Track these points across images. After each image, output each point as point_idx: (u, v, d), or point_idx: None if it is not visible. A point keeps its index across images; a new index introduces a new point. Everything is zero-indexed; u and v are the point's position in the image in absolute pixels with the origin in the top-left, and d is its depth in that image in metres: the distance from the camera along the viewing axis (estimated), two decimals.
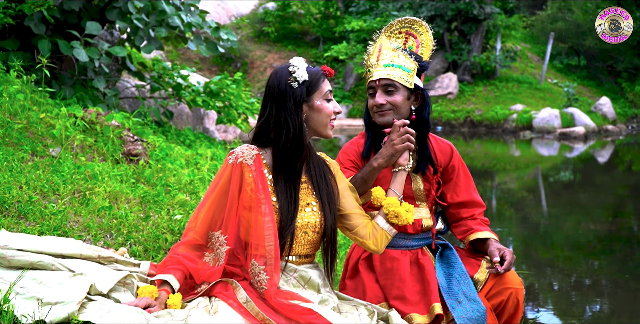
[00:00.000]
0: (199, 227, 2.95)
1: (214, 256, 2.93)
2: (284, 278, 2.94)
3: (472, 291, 3.30)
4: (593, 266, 7.48)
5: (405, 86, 3.40)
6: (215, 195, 2.95)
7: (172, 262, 2.90)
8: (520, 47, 30.33)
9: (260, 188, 2.89)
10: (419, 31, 3.58)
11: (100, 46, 7.38)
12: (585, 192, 12.51)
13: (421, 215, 3.55)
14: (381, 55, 3.45)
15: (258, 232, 2.84)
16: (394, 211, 3.08)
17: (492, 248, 3.41)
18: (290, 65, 2.95)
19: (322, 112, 2.98)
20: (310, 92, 2.94)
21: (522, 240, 8.57)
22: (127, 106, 9.78)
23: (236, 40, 8.96)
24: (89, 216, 4.20)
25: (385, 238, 3.12)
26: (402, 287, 3.38)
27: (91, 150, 5.54)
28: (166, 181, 5.33)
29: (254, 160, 2.93)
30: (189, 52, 28.32)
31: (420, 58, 3.48)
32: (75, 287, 2.67)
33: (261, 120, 2.98)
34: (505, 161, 17.21)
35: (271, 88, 2.95)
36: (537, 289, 6.45)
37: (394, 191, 3.16)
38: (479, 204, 3.66)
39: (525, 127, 23.48)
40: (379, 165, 3.18)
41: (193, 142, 8.93)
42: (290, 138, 2.91)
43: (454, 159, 3.64)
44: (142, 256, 3.94)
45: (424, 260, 3.49)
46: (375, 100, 3.40)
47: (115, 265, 3.10)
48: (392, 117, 3.40)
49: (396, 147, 3.13)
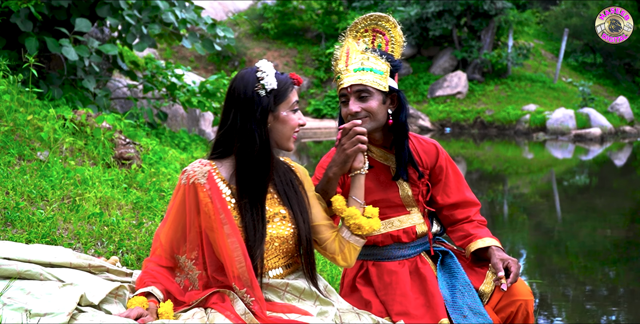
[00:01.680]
0: (164, 249, 2.95)
1: (185, 278, 2.93)
2: (277, 294, 2.92)
3: (477, 303, 3.27)
4: (609, 274, 7.48)
5: (380, 90, 3.34)
6: (172, 217, 2.93)
7: (148, 277, 2.90)
8: (533, 43, 30.31)
9: (219, 208, 2.84)
10: (386, 27, 3.51)
11: (90, 44, 7.41)
12: (601, 197, 12.51)
13: (414, 222, 3.53)
14: (350, 59, 3.38)
15: (226, 254, 2.81)
16: (355, 223, 3.04)
17: (495, 260, 3.34)
18: (257, 70, 2.87)
19: (287, 124, 2.92)
20: (277, 102, 2.88)
21: (535, 247, 8.58)
22: (118, 107, 9.80)
23: (233, 37, 8.97)
24: (79, 223, 4.22)
25: (354, 251, 3.09)
26: (404, 302, 3.34)
27: (81, 153, 5.55)
28: (160, 186, 5.34)
29: (207, 178, 2.88)
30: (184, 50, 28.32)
31: (392, 58, 3.41)
32: (65, 298, 2.68)
33: (223, 128, 2.90)
34: (517, 164, 17.20)
35: (236, 94, 2.87)
36: (551, 299, 6.45)
37: (354, 199, 3.11)
38: (473, 203, 3.61)
39: (538, 128, 23.46)
40: (334, 174, 3.14)
41: (188, 145, 8.95)
42: (257, 151, 2.84)
43: (441, 159, 3.58)
44: (135, 265, 3.96)
45: (424, 269, 3.46)
46: (349, 109, 3.34)
47: (107, 274, 3.11)
48: (369, 124, 3.34)
49: (347, 152, 3.08)
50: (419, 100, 25.64)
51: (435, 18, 26.23)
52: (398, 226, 3.51)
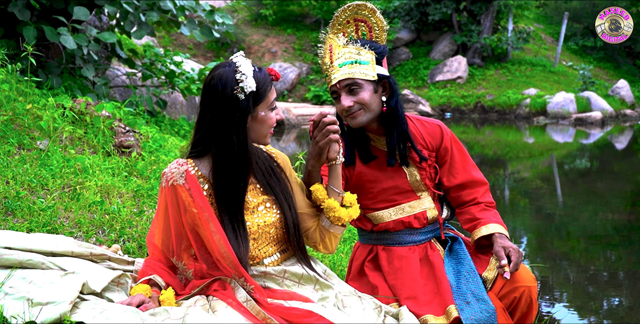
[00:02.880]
0: (160, 251, 2.96)
1: (183, 276, 2.97)
2: (276, 281, 2.93)
3: (481, 290, 3.27)
4: (611, 258, 7.49)
5: (369, 80, 3.34)
6: (159, 219, 2.93)
7: (151, 270, 2.92)
8: (533, 27, 30.23)
9: (201, 206, 2.83)
10: (366, 15, 3.49)
11: (89, 32, 7.40)
12: (602, 180, 12.51)
13: (425, 207, 3.54)
14: (333, 55, 3.39)
15: (215, 250, 2.82)
16: (334, 216, 3.06)
17: (497, 248, 3.33)
18: (236, 70, 2.81)
19: (265, 123, 2.90)
20: (255, 103, 2.84)
21: (536, 232, 8.59)
22: (117, 95, 9.80)
23: (232, 24, 8.95)
24: (80, 211, 4.22)
25: (334, 239, 3.13)
26: (413, 286, 3.35)
27: (81, 142, 5.55)
28: (160, 174, 5.34)
29: (185, 178, 2.86)
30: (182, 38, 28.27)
31: (375, 45, 3.40)
32: (66, 286, 2.69)
33: (201, 128, 2.87)
34: (518, 148, 17.20)
35: (213, 94, 2.81)
36: (553, 283, 6.46)
37: (332, 189, 3.10)
38: (480, 182, 3.60)
39: (539, 113, 23.44)
40: (312, 167, 3.15)
41: (188, 133, 8.94)
42: (234, 153, 2.82)
43: (445, 140, 3.58)
44: (137, 253, 3.96)
45: (433, 256, 3.47)
46: (341, 104, 3.33)
47: (108, 262, 3.12)
48: (365, 117, 3.35)
49: (319, 144, 3.06)
50: (419, 85, 25.61)
51: (434, 2, 26.14)
52: (409, 212, 3.51)
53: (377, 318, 2.95)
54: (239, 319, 2.66)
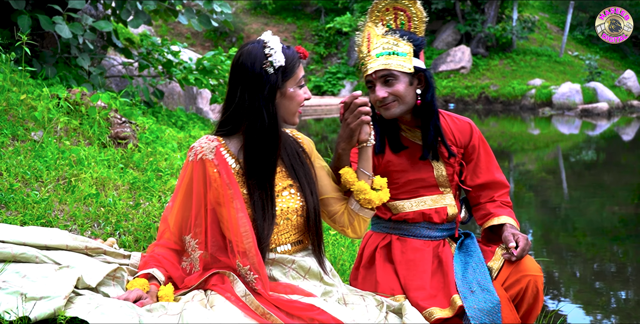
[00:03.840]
0: (174, 229, 2.96)
1: (190, 261, 2.94)
2: (282, 270, 2.93)
3: (487, 280, 3.30)
4: (618, 252, 7.49)
5: (405, 72, 3.36)
6: (181, 196, 2.93)
7: (153, 260, 2.91)
8: (539, 16, 30.21)
9: (227, 183, 2.85)
10: (406, 4, 3.52)
11: (84, 21, 7.37)
12: (609, 173, 12.51)
13: (445, 203, 3.56)
14: (371, 44, 3.40)
15: (234, 229, 2.83)
16: (365, 198, 3.07)
17: (507, 233, 3.39)
18: (265, 45, 2.85)
19: (294, 100, 2.92)
20: (285, 78, 2.87)
21: (542, 225, 8.59)
22: (113, 85, 9.78)
23: (231, 12, 8.93)
24: (75, 204, 4.21)
25: (363, 223, 3.14)
26: (424, 278, 3.39)
27: (76, 133, 5.54)
28: (157, 166, 5.34)
29: (214, 153, 2.88)
30: (180, 27, 28.25)
31: (414, 37, 3.41)
32: (61, 281, 2.68)
33: (231, 105, 2.90)
34: (523, 140, 17.20)
35: (243, 70, 2.85)
36: (558, 278, 6.46)
37: (362, 171, 3.11)
38: (502, 184, 3.63)
39: (544, 103, 23.44)
40: (342, 150, 3.15)
41: (185, 124, 8.94)
42: (266, 128, 2.84)
43: (474, 138, 3.61)
44: (133, 247, 3.95)
45: (443, 252, 3.49)
46: (375, 95, 3.36)
47: (104, 256, 3.11)
48: (399, 108, 3.37)
49: (351, 126, 3.07)
50: None
51: None
52: (430, 205, 3.54)
53: (379, 314, 2.95)
54: (237, 314, 2.64)
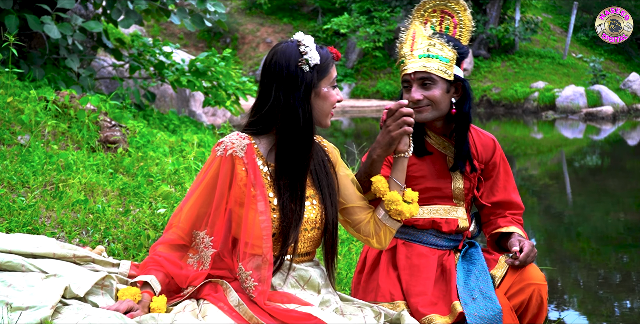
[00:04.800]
0: (182, 225, 2.93)
1: (198, 258, 2.91)
2: (281, 277, 2.92)
3: (490, 288, 3.31)
4: (623, 260, 7.49)
5: (444, 78, 3.39)
6: (201, 190, 2.92)
7: (153, 263, 2.89)
8: (542, 18, 30.27)
9: (254, 184, 2.85)
10: (455, 10, 3.56)
11: (74, 21, 7.37)
12: (614, 178, 12.52)
13: (457, 215, 3.58)
14: (415, 43, 3.43)
15: (252, 231, 2.82)
16: (396, 209, 3.06)
17: (513, 239, 3.43)
18: (299, 43, 2.88)
19: (328, 100, 2.93)
20: (319, 78, 2.89)
21: (545, 232, 8.59)
22: (103, 88, 9.79)
23: (225, 12, 8.93)
24: (63, 211, 4.20)
25: (389, 234, 3.12)
26: (427, 284, 3.41)
27: (64, 137, 5.53)
28: (148, 171, 5.33)
29: (245, 152, 2.89)
30: (173, 27, 28.26)
31: (459, 45, 3.45)
32: (48, 290, 2.67)
33: (265, 104, 2.90)
34: (525, 144, 17.22)
35: (278, 68, 2.86)
36: (562, 287, 6.46)
37: (395, 182, 3.11)
38: (517, 205, 3.67)
39: (547, 107, 23.48)
40: (378, 156, 3.14)
41: (177, 127, 8.93)
42: (300, 128, 2.85)
43: (496, 155, 3.65)
44: (122, 255, 3.95)
45: (447, 261, 3.52)
46: (411, 96, 3.38)
47: (92, 265, 3.09)
48: (431, 113, 3.40)
49: (392, 134, 3.06)
50: None
51: None
52: (442, 215, 3.56)
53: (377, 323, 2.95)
54: None
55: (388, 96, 26.27)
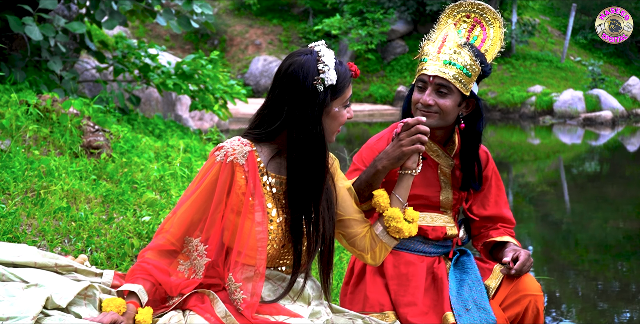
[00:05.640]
0: (174, 230, 2.89)
1: (190, 265, 2.89)
2: (271, 288, 2.91)
3: (484, 299, 3.32)
4: (622, 269, 7.51)
5: (461, 91, 3.39)
6: (198, 195, 2.88)
7: (140, 271, 2.87)
8: (539, 20, 30.34)
9: (253, 193, 2.82)
10: (489, 22, 3.57)
11: (56, 22, 7.36)
12: (613, 185, 12.55)
13: (444, 223, 3.59)
14: (444, 47, 3.42)
15: (247, 241, 2.80)
16: (395, 226, 3.04)
17: (507, 249, 3.44)
18: (318, 60, 2.81)
19: (337, 120, 2.89)
20: (333, 98, 2.84)
21: (542, 241, 8.60)
22: (87, 91, 9.77)
23: (212, 13, 8.93)
24: (44, 218, 4.20)
25: (385, 251, 3.09)
26: (416, 294, 3.41)
27: (46, 142, 5.53)
28: (132, 177, 5.33)
29: (246, 159, 2.85)
30: (158, 28, 28.25)
31: (485, 62, 3.45)
32: (29, 300, 2.66)
33: (274, 114, 2.85)
34: (522, 150, 17.25)
35: (293, 82, 2.80)
36: (560, 297, 6.47)
37: (397, 198, 3.09)
38: (508, 220, 3.70)
39: (545, 112, 23.52)
40: (383, 168, 3.13)
41: (163, 132, 8.93)
42: (314, 146, 2.82)
43: (489, 168, 3.67)
44: (105, 264, 3.95)
45: (438, 269, 3.52)
46: (424, 99, 3.39)
47: (75, 274, 3.09)
48: (436, 121, 3.39)
49: (403, 149, 3.05)
50: None
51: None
52: (429, 222, 3.56)
53: None
54: None
55: (381, 100, 26.29)
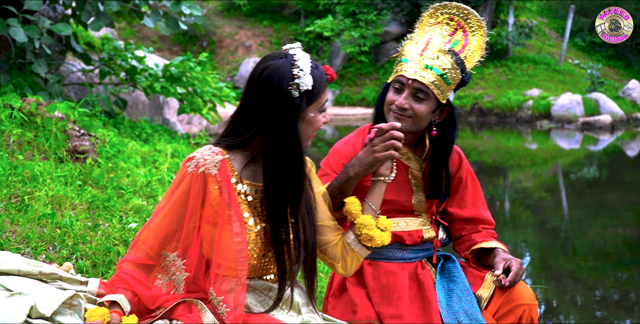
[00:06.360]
0: (150, 242, 2.88)
1: (168, 280, 2.88)
2: (258, 298, 2.92)
3: (475, 309, 3.31)
4: (622, 278, 7.52)
5: (438, 99, 3.38)
6: (170, 207, 2.86)
7: (120, 282, 2.86)
8: (536, 21, 30.39)
9: (228, 204, 2.81)
10: (472, 28, 3.55)
11: (41, 24, 7.36)
12: (612, 191, 12.57)
13: (420, 226, 3.58)
14: (427, 50, 3.41)
15: (226, 253, 2.79)
16: (367, 234, 3.02)
17: (497, 259, 3.41)
18: (294, 64, 2.80)
19: (312, 126, 2.88)
20: (308, 103, 2.82)
21: (539, 248, 8.61)
22: (72, 94, 9.76)
23: (201, 14, 8.93)
24: (28, 225, 4.19)
25: (356, 261, 3.08)
26: (400, 305, 3.38)
27: (30, 146, 5.52)
28: (118, 183, 5.32)
29: (218, 169, 2.82)
30: (146, 30, 28.24)
31: (465, 71, 3.43)
32: (13, 309, 2.66)
33: (247, 120, 2.83)
34: (519, 155, 17.27)
35: (267, 87, 2.78)
36: (557, 306, 6.48)
37: (369, 206, 3.08)
38: (487, 222, 3.68)
39: (542, 116, 23.55)
40: (355, 174, 3.11)
41: (150, 136, 8.92)
42: (290, 153, 2.80)
43: (462, 169, 3.65)
44: (91, 272, 3.94)
45: (423, 275, 3.50)
46: (399, 101, 3.38)
47: (59, 282, 3.09)
48: (408, 126, 3.38)
49: (377, 155, 3.04)
50: None
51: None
52: (403, 227, 3.55)
53: None
54: None
55: (374, 103, 26.25)
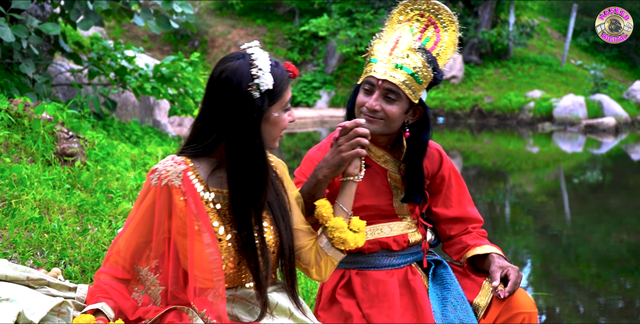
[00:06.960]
0: (123, 256, 2.89)
1: (144, 293, 2.89)
2: (245, 307, 2.92)
3: (471, 318, 3.30)
4: (625, 285, 7.53)
5: (409, 99, 3.37)
6: (138, 220, 2.86)
7: (100, 291, 2.87)
8: (538, 21, 30.44)
9: (196, 214, 2.80)
10: (444, 24, 3.55)
11: (29, 23, 7.36)
12: (616, 196, 12.59)
13: (405, 230, 3.56)
14: (397, 49, 3.39)
15: (200, 264, 2.79)
16: (339, 237, 3.02)
17: (494, 268, 3.38)
18: (251, 64, 2.79)
19: (277, 126, 2.87)
20: (270, 103, 2.81)
21: (541, 254, 8.62)
22: (60, 95, 9.75)
23: (193, 13, 8.92)
24: (15, 229, 4.20)
25: (331, 265, 3.09)
26: (391, 315, 3.36)
27: (17, 149, 5.53)
28: (107, 186, 5.32)
29: (181, 179, 2.81)
30: (136, 29, 28.22)
31: (438, 69, 3.43)
32: (0, 315, 2.67)
33: (208, 126, 2.83)
34: (520, 159, 17.29)
35: (226, 89, 2.78)
36: (559, 314, 6.49)
37: (341, 207, 3.09)
38: (475, 219, 3.66)
39: (544, 118, 23.57)
40: (324, 177, 3.11)
41: (141, 138, 8.92)
42: (252, 156, 2.80)
43: (444, 167, 3.63)
44: (79, 278, 3.95)
45: (414, 281, 3.48)
46: (369, 103, 3.36)
47: (47, 288, 3.09)
48: (380, 128, 3.37)
49: (343, 155, 3.04)
50: None
51: None
52: (387, 233, 3.53)
53: None
54: None
55: None
